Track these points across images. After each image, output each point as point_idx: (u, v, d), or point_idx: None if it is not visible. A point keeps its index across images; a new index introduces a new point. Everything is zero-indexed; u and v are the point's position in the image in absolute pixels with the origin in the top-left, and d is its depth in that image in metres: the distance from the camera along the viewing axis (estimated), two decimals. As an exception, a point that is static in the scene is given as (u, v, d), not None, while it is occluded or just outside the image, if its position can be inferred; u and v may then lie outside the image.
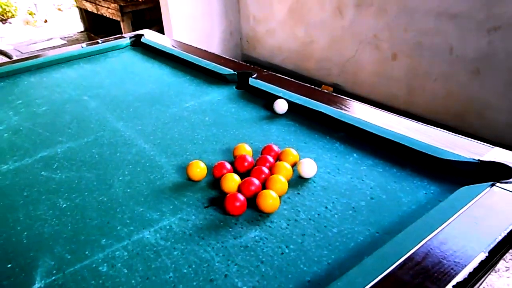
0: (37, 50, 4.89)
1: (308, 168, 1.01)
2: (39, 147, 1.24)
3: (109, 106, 1.48)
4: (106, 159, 1.16)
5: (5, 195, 1.03)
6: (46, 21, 6.46)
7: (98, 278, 0.77)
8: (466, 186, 0.91)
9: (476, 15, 2.33)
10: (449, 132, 1.10)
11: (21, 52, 4.86)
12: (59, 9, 7.07)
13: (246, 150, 1.11)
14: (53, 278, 0.77)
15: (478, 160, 0.96)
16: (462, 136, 1.07)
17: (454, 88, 2.58)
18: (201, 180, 1.04)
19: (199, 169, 1.02)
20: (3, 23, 6.44)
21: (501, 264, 1.86)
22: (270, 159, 1.04)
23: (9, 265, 0.81)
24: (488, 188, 0.87)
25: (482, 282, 0.78)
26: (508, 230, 0.75)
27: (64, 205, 0.98)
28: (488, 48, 2.34)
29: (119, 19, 4.24)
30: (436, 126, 1.13)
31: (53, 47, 4.90)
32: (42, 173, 1.11)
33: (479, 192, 0.86)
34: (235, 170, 1.05)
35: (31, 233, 0.90)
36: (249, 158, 1.06)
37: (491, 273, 1.81)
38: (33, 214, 0.96)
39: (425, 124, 1.14)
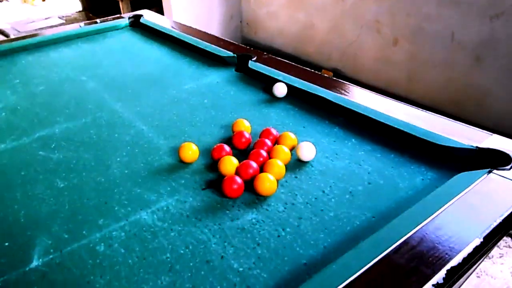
0: (34, 29, 4.84)
1: (308, 151, 1.01)
2: (36, 126, 1.24)
3: (107, 87, 1.47)
4: (104, 139, 1.15)
5: (3, 174, 1.03)
6: (44, -1, 6.36)
7: (95, 257, 0.77)
8: (463, 173, 0.91)
9: (478, 1, 2.31)
10: (448, 119, 1.10)
11: (19, 31, 4.81)
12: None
13: (245, 125, 1.12)
14: (51, 257, 0.78)
15: (476, 147, 0.97)
16: (461, 123, 1.07)
17: (454, 75, 2.57)
18: (193, 162, 1.04)
19: (190, 151, 1.02)
20: (0, 1, 6.35)
21: (495, 251, 1.89)
22: (268, 142, 1.04)
23: (6, 244, 0.82)
24: (485, 175, 0.87)
25: (476, 268, 0.79)
26: (503, 217, 0.76)
27: (62, 185, 0.98)
28: (490, 35, 2.32)
29: (118, -1, 4.18)
30: (436, 113, 1.13)
31: (51, 26, 4.84)
32: (40, 152, 1.11)
33: (476, 178, 0.87)
34: (233, 146, 1.06)
35: (28, 212, 0.90)
36: (247, 135, 1.07)
37: (485, 260, 1.83)
38: (30, 193, 0.96)
39: (424, 110, 1.14)
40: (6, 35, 3.07)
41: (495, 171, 0.89)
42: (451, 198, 0.81)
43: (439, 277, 0.64)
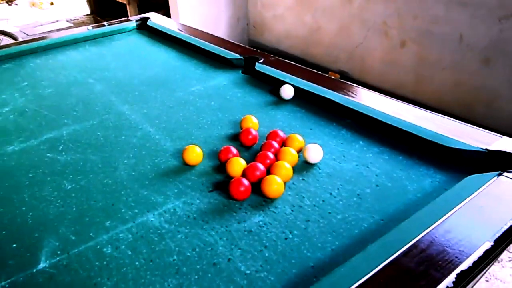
0: (43, 33, 4.88)
1: (315, 153, 1.00)
2: (44, 129, 1.24)
3: (115, 89, 1.47)
4: (111, 142, 1.16)
5: (11, 175, 1.04)
6: (52, 3, 6.42)
7: (102, 259, 0.77)
8: (473, 175, 0.90)
9: (487, 2, 2.29)
10: (457, 121, 1.09)
11: (27, 34, 4.86)
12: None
13: (252, 121, 1.14)
14: (58, 258, 0.78)
15: (486, 149, 0.95)
16: (470, 125, 1.06)
17: (463, 77, 2.55)
18: (197, 164, 1.03)
19: (194, 154, 1.02)
20: (9, 5, 6.42)
21: (504, 255, 1.86)
22: (276, 144, 1.04)
23: (14, 245, 0.82)
24: (495, 178, 0.86)
25: (486, 272, 0.78)
26: (514, 220, 0.75)
27: (69, 186, 0.98)
28: (499, 37, 2.31)
29: (125, 2, 4.21)
30: (444, 115, 1.12)
31: (59, 30, 4.89)
32: (48, 154, 1.11)
33: (486, 181, 0.86)
34: (240, 143, 1.08)
35: (36, 214, 0.90)
36: (254, 132, 1.09)
37: (494, 263, 1.81)
38: (38, 195, 0.96)
39: (432, 112, 1.13)
40: (15, 38, 3.10)
41: (505, 173, 0.87)
42: (461, 201, 0.80)
43: (449, 281, 0.64)
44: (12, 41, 3.10)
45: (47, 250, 0.80)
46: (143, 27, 2.10)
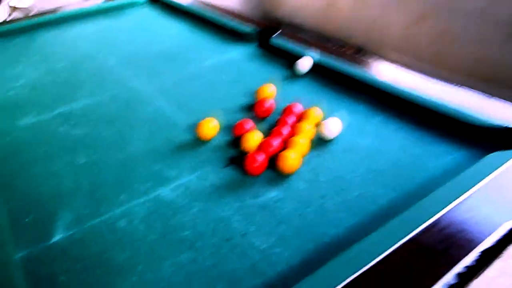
0: (54, 6, 4.85)
1: (332, 128, 0.97)
2: (57, 103, 1.23)
3: (127, 63, 1.46)
4: (124, 116, 1.15)
5: (24, 149, 1.04)
6: (64, -23, 6.37)
7: (116, 233, 0.77)
8: (495, 153, 0.87)
9: (512, -27, 2.20)
10: (479, 95, 1.05)
11: (39, 8, 4.83)
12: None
13: (268, 92, 1.13)
14: (72, 231, 0.78)
15: (509, 125, 0.92)
16: (492, 99, 1.02)
17: (485, 52, 2.47)
18: (211, 138, 1.02)
19: (209, 128, 1.00)
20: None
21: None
22: (292, 119, 1.01)
23: (27, 219, 0.82)
24: (519, 155, 0.83)
25: (504, 252, 0.76)
26: (539, 199, 0.72)
27: (82, 161, 0.98)
28: (523, 10, 2.21)
29: (137, -24, 4.15)
30: (465, 90, 1.08)
31: (71, 3, 4.84)
32: (60, 129, 1.11)
33: (508, 159, 0.82)
34: (255, 115, 1.08)
35: (49, 188, 0.90)
36: (268, 103, 1.07)
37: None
38: (51, 169, 0.96)
39: (453, 86, 1.09)
40: (27, 12, 3.09)
41: (529, 151, 0.84)
42: (482, 179, 0.77)
43: (469, 260, 0.62)
44: (24, 14, 3.08)
45: (61, 223, 0.80)
46: (155, 0, 2.06)
